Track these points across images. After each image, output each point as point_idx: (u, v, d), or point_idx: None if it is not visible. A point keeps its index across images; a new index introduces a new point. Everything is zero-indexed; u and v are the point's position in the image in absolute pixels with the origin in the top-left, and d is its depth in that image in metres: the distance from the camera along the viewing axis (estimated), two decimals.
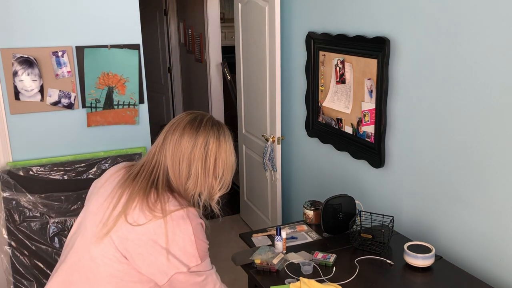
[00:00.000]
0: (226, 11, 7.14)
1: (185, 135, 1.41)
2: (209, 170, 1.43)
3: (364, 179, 2.59)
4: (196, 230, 1.38)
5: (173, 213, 1.35)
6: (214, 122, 1.47)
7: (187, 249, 1.36)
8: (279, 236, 2.04)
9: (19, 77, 2.76)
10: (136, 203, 1.36)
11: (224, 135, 1.46)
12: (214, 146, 1.42)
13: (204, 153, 1.41)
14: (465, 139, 1.92)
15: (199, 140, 1.41)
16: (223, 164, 1.45)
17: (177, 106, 6.47)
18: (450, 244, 2.06)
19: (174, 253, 1.34)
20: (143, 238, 1.34)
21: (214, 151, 1.42)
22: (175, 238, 1.34)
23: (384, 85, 2.29)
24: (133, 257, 1.35)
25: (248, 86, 3.77)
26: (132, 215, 1.35)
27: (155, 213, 1.34)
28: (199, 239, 1.39)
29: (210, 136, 1.42)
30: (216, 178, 1.46)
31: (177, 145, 1.41)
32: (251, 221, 4.06)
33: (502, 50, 1.72)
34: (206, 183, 1.44)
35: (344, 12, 2.60)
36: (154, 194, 1.38)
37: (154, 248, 1.33)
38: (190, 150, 1.40)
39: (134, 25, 2.99)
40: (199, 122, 1.44)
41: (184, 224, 1.36)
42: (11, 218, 2.71)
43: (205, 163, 1.41)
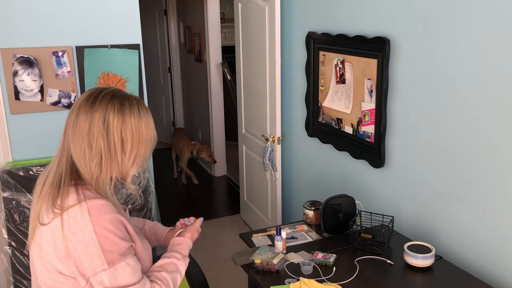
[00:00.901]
0: (226, 11, 7.14)
1: (81, 114, 1.28)
2: (115, 147, 1.28)
3: (364, 179, 2.59)
4: (100, 226, 1.22)
5: (70, 208, 1.23)
6: (116, 95, 1.32)
7: (89, 251, 1.21)
8: (279, 236, 2.04)
9: (19, 77, 2.76)
10: (44, 202, 1.27)
11: (131, 107, 1.31)
12: (115, 120, 1.27)
13: (104, 130, 1.27)
14: (465, 139, 1.92)
15: (95, 116, 1.27)
16: (132, 138, 1.29)
17: (177, 106, 6.47)
18: (450, 244, 2.06)
19: (76, 255, 1.22)
20: (50, 240, 1.24)
21: (117, 126, 1.28)
22: (73, 238, 1.21)
23: (384, 85, 2.29)
24: (52, 261, 1.26)
25: (248, 86, 3.77)
26: (42, 215, 1.27)
27: (55, 210, 1.23)
28: (106, 237, 1.22)
29: (109, 110, 1.28)
30: (126, 154, 1.29)
31: (74, 126, 1.28)
32: (251, 221, 4.06)
33: (502, 50, 1.72)
34: (113, 161, 1.29)
35: (344, 12, 2.60)
36: (56, 189, 1.27)
37: (58, 250, 1.23)
38: (88, 129, 1.27)
39: (134, 25, 2.99)
40: (94, 97, 1.30)
41: (82, 220, 1.21)
42: (11, 218, 2.71)
43: (107, 139, 1.27)
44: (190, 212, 4.44)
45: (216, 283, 3.19)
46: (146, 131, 1.33)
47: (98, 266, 1.22)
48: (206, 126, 5.51)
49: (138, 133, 1.31)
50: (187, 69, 6.04)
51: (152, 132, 1.35)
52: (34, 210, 1.30)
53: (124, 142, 1.29)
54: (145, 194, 2.95)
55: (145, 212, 2.95)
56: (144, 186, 2.92)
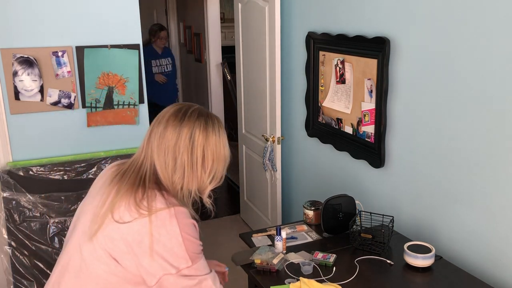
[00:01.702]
0: (226, 11, 7.14)
1: (169, 127, 1.37)
2: (197, 163, 1.37)
3: (364, 179, 2.59)
4: (184, 231, 1.33)
5: (158, 212, 1.31)
6: (201, 113, 1.41)
7: (175, 250, 1.31)
8: (279, 236, 2.04)
9: (19, 77, 2.76)
10: (123, 200, 1.33)
11: (213, 126, 1.40)
12: (200, 137, 1.37)
13: (189, 145, 1.36)
14: (465, 139, 1.92)
15: (183, 131, 1.36)
16: (212, 155, 1.39)
17: None
18: (450, 244, 2.06)
19: (161, 254, 1.30)
20: (128, 237, 1.30)
21: (201, 143, 1.37)
22: (161, 238, 1.30)
23: (384, 85, 2.29)
24: (120, 257, 1.31)
25: (248, 86, 3.77)
26: (118, 212, 1.32)
27: (140, 211, 1.30)
28: (189, 240, 1.34)
29: (195, 127, 1.37)
30: (206, 171, 1.39)
31: (161, 137, 1.37)
32: (251, 221, 4.06)
33: (502, 50, 1.72)
34: (194, 176, 1.39)
35: (344, 12, 2.60)
36: (141, 191, 1.34)
37: (140, 248, 1.30)
38: (174, 142, 1.36)
39: (134, 25, 2.99)
40: (183, 113, 1.39)
41: (171, 224, 1.31)
42: (11, 218, 2.71)
43: (191, 155, 1.36)
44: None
45: None
46: (224, 149, 1.43)
47: (182, 264, 1.33)
48: None
49: (217, 151, 1.41)
50: (187, 69, 6.04)
51: (228, 150, 1.46)
52: (109, 205, 1.34)
53: (205, 159, 1.39)
54: None
55: None
56: None
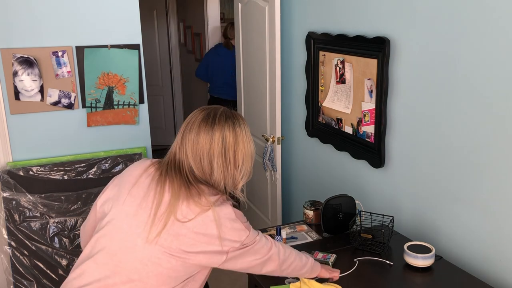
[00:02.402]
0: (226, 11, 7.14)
1: (201, 133, 1.46)
2: (230, 163, 1.48)
3: (364, 179, 2.59)
4: (235, 211, 1.47)
5: (216, 202, 1.44)
6: (228, 115, 1.51)
7: (235, 226, 1.45)
8: (279, 236, 2.04)
9: (19, 77, 2.76)
10: (182, 200, 1.42)
11: (240, 125, 1.51)
12: (231, 138, 1.47)
13: (222, 148, 1.46)
14: (465, 139, 1.92)
15: (216, 135, 1.46)
16: (242, 154, 1.50)
17: (177, 106, 6.47)
18: (450, 244, 2.06)
19: (226, 236, 1.42)
20: (194, 231, 1.40)
21: (232, 144, 1.47)
22: (222, 222, 1.42)
23: (384, 85, 2.29)
24: (188, 251, 1.40)
25: (248, 86, 3.77)
26: (180, 212, 1.41)
27: (202, 206, 1.41)
28: (238, 213, 1.49)
29: (225, 129, 1.47)
30: (237, 168, 1.50)
31: (195, 143, 1.46)
32: (251, 221, 4.05)
33: (502, 50, 1.72)
34: (229, 175, 1.49)
35: (344, 12, 2.60)
36: (194, 190, 1.44)
37: (207, 237, 1.40)
38: (208, 147, 1.46)
39: (134, 25, 2.99)
40: (213, 118, 1.48)
41: (226, 207, 1.45)
42: (11, 218, 2.71)
43: (225, 157, 1.47)
44: None
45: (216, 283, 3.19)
46: (251, 146, 1.53)
47: (243, 236, 1.47)
48: None
49: (246, 149, 1.51)
50: (187, 69, 6.04)
51: (254, 146, 1.56)
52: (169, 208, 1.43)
53: (236, 158, 1.50)
54: None
55: None
56: None
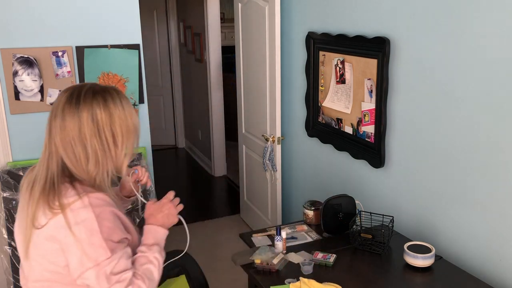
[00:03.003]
0: (226, 11, 7.14)
1: (67, 117, 1.27)
2: (108, 143, 1.30)
3: (364, 179, 2.59)
4: (100, 217, 1.25)
5: (71, 204, 1.25)
6: (96, 90, 1.32)
7: (92, 241, 1.24)
8: (279, 236, 2.04)
9: (19, 77, 2.76)
10: (39, 207, 1.28)
11: (113, 100, 1.32)
12: (103, 116, 1.29)
13: (95, 128, 1.28)
14: (465, 139, 1.92)
15: (83, 116, 1.27)
16: (121, 130, 1.32)
17: (177, 106, 6.47)
18: (450, 244, 2.06)
19: (80, 247, 1.24)
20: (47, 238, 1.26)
21: (106, 121, 1.29)
22: (77, 230, 1.23)
23: (384, 85, 2.29)
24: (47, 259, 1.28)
25: (248, 86, 3.77)
26: (37, 219, 1.28)
27: (54, 210, 1.25)
28: (106, 227, 1.26)
29: (94, 107, 1.28)
30: (118, 147, 1.32)
31: (62, 130, 1.28)
32: (251, 221, 4.06)
33: (502, 50, 1.72)
34: (108, 157, 1.31)
35: (344, 12, 2.60)
36: (51, 192, 1.27)
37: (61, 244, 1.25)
38: (78, 131, 1.27)
39: (134, 25, 2.99)
40: (77, 97, 1.29)
41: (86, 213, 1.24)
42: (11, 218, 2.71)
43: (100, 137, 1.29)
44: (190, 212, 4.44)
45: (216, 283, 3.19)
46: (131, 120, 1.34)
47: (101, 256, 1.25)
48: (206, 126, 5.51)
49: (125, 124, 1.33)
50: (187, 69, 6.04)
51: (136, 119, 1.37)
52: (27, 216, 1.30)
53: (115, 136, 1.31)
54: (145, 194, 2.95)
55: None
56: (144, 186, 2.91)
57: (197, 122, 5.92)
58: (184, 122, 6.55)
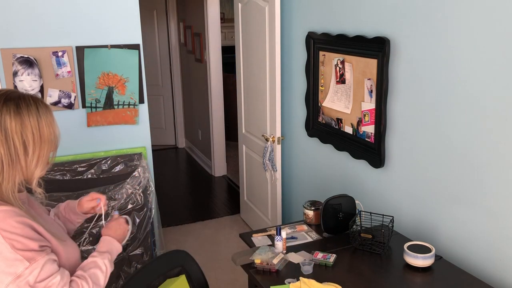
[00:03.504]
0: (226, 11, 7.14)
1: None
2: (17, 152, 1.24)
3: (364, 179, 2.59)
4: (6, 231, 1.20)
5: None
6: (10, 97, 1.26)
7: (4, 255, 1.19)
8: (279, 236, 2.04)
9: (19, 77, 2.76)
10: None
11: (28, 108, 1.26)
12: (13, 123, 1.23)
13: (2, 135, 1.22)
14: (465, 139, 1.92)
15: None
16: (33, 138, 1.26)
17: (177, 106, 6.47)
18: (450, 244, 2.06)
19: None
20: None
21: (15, 129, 1.23)
22: None
23: (384, 85, 2.29)
24: None
25: (248, 86, 3.77)
26: None
27: None
28: (13, 239, 1.21)
29: (4, 114, 1.23)
30: (29, 157, 1.26)
31: None
32: (251, 221, 4.06)
33: (502, 50, 1.72)
34: (16, 167, 1.26)
35: (344, 12, 2.60)
36: None
37: None
38: None
39: (134, 25, 2.99)
40: None
41: None
42: None
43: (7, 145, 1.23)
44: (190, 212, 4.45)
45: (216, 283, 3.19)
46: (48, 129, 1.30)
47: (19, 267, 1.21)
48: (206, 126, 5.51)
49: (39, 133, 1.28)
50: (187, 69, 6.04)
51: (54, 129, 1.32)
52: None
53: (26, 145, 1.26)
54: (145, 194, 2.95)
55: (145, 212, 2.95)
56: (144, 186, 2.92)
57: (197, 122, 5.92)
58: (184, 122, 6.55)
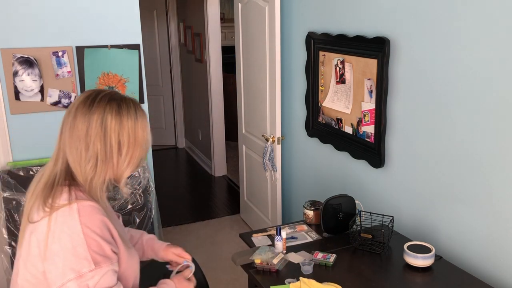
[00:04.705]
0: (226, 11, 7.14)
1: (78, 116, 1.29)
2: (112, 150, 1.30)
3: (364, 179, 2.59)
4: (88, 227, 1.23)
5: (60, 208, 1.24)
6: (113, 97, 1.33)
7: (76, 250, 1.21)
8: (279, 236, 2.04)
9: (19, 77, 2.76)
10: (35, 202, 1.29)
11: (128, 109, 1.33)
12: (113, 122, 1.29)
13: (101, 132, 1.28)
14: (465, 139, 1.92)
15: (93, 118, 1.28)
16: (128, 140, 1.31)
17: (177, 106, 6.47)
18: (450, 244, 2.06)
19: (62, 255, 1.21)
20: (38, 237, 1.25)
21: (114, 128, 1.29)
22: (62, 237, 1.21)
23: (384, 85, 2.29)
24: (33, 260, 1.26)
25: (248, 86, 3.77)
26: (32, 213, 1.29)
27: (46, 210, 1.25)
28: (92, 238, 1.23)
29: (106, 112, 1.29)
30: (122, 156, 1.32)
31: (71, 128, 1.29)
32: (251, 221, 4.06)
33: (501, 50, 1.72)
34: (109, 164, 1.31)
35: (344, 12, 2.60)
36: (49, 189, 1.28)
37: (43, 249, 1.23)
38: (85, 131, 1.28)
39: (134, 25, 2.99)
40: (92, 100, 1.31)
41: (72, 219, 1.23)
42: (11, 218, 2.71)
43: (104, 142, 1.29)
44: (190, 212, 4.45)
45: (216, 283, 3.19)
46: (142, 133, 1.35)
47: (84, 267, 1.22)
48: (206, 126, 5.51)
49: (134, 136, 1.33)
50: (187, 69, 6.04)
51: (147, 134, 1.37)
52: (25, 209, 1.32)
53: (121, 145, 1.31)
54: (145, 194, 2.95)
55: (145, 212, 2.95)
56: (144, 186, 2.92)
57: (197, 122, 5.92)
58: (184, 122, 6.55)
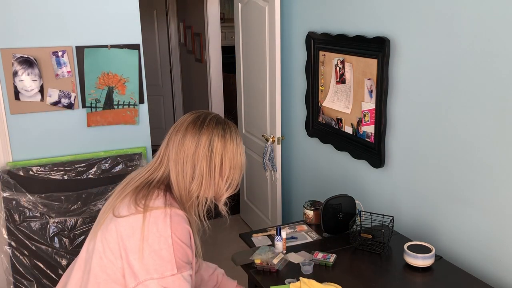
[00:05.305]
0: (226, 11, 7.14)
1: (188, 135, 1.37)
2: (215, 170, 1.38)
3: (364, 179, 2.59)
4: (176, 234, 1.29)
5: (154, 210, 1.30)
6: (219, 121, 1.42)
7: (162, 253, 1.27)
8: (279, 236, 2.04)
9: (19, 77, 2.76)
10: (125, 199, 1.35)
11: (231, 134, 1.41)
12: (219, 144, 1.37)
13: (208, 153, 1.36)
14: (465, 139, 1.92)
15: (202, 139, 1.36)
16: (229, 163, 1.39)
17: (177, 106, 6.47)
18: (450, 244, 2.06)
19: (148, 253, 1.27)
20: (122, 230, 1.30)
21: (219, 150, 1.37)
22: (150, 236, 1.27)
23: (384, 85, 2.29)
24: (112, 249, 1.31)
25: (248, 86, 3.77)
26: (118, 209, 1.34)
27: (138, 208, 1.31)
28: (179, 245, 1.30)
29: (214, 134, 1.38)
30: (223, 178, 1.40)
31: (180, 146, 1.37)
32: (251, 221, 4.06)
33: (503, 50, 1.72)
34: (211, 184, 1.39)
35: (344, 12, 2.60)
36: (144, 191, 1.35)
37: (129, 242, 1.28)
38: (193, 150, 1.36)
39: (134, 25, 2.99)
40: (202, 121, 1.40)
41: (164, 223, 1.28)
42: (11, 218, 2.71)
43: (210, 162, 1.37)
44: None
45: None
46: (241, 157, 1.43)
47: (167, 270, 1.27)
48: None
49: (235, 159, 1.41)
50: (187, 69, 6.04)
51: (245, 158, 1.46)
52: (110, 203, 1.39)
53: (223, 166, 1.39)
54: None
55: None
56: None
57: None
58: None
